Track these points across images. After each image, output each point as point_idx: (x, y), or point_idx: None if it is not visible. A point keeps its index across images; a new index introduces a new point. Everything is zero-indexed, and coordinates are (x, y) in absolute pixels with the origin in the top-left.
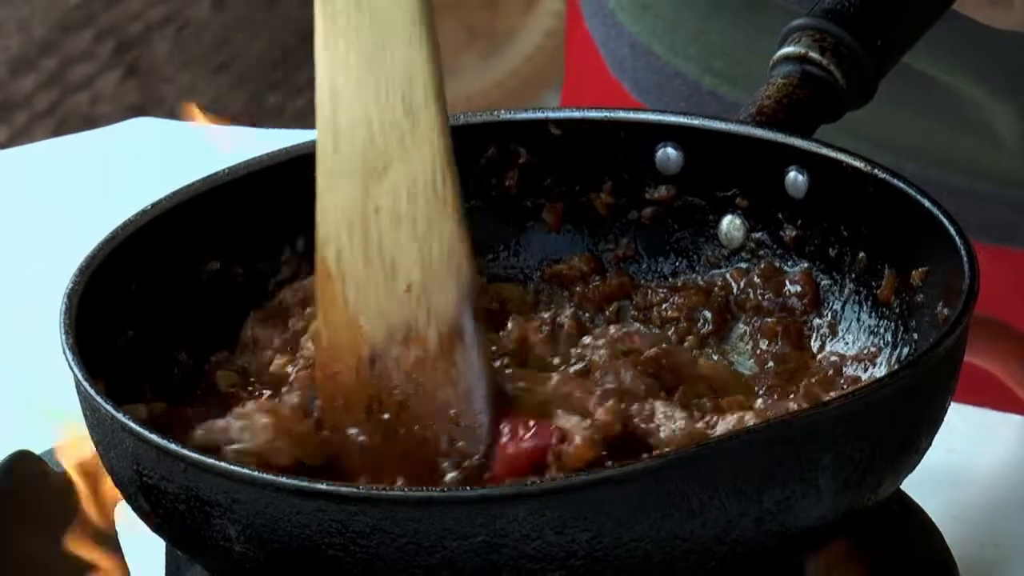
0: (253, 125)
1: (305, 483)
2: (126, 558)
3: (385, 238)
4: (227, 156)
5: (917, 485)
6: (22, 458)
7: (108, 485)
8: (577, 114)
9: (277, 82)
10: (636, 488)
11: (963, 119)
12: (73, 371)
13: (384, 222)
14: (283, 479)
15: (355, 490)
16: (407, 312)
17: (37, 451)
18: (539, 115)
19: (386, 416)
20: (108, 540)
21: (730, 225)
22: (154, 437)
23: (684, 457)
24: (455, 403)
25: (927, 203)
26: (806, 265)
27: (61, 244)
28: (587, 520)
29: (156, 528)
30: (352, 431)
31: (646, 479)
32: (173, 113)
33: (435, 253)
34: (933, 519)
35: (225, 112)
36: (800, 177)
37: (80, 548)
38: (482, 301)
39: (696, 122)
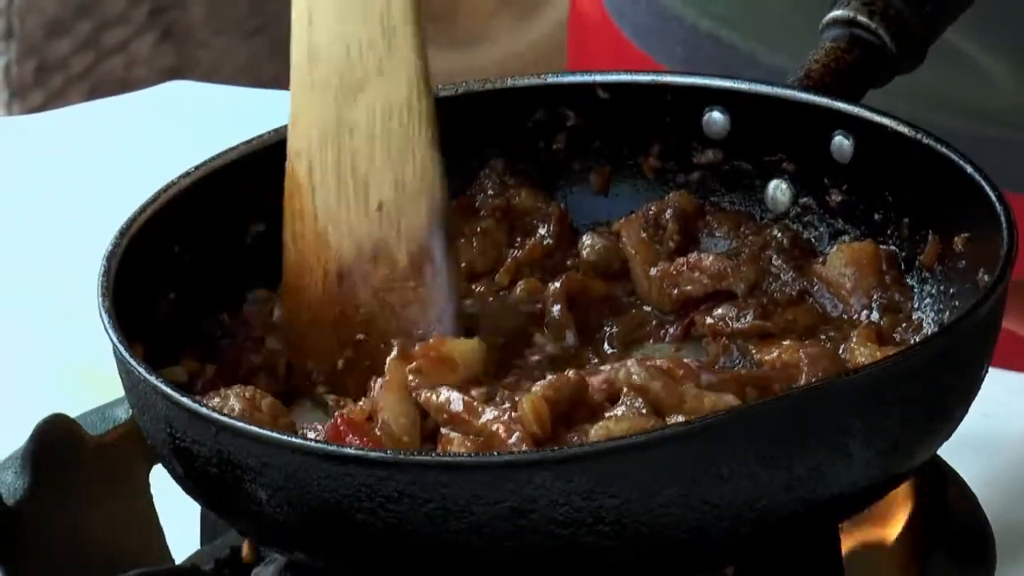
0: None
1: (334, 447)
2: (161, 522)
3: (359, 156)
4: (262, 119)
5: (953, 450)
6: (57, 422)
7: (144, 449)
8: (625, 77)
9: None
10: (663, 455)
11: (958, 68)
12: (109, 334)
13: (359, 140)
14: (312, 443)
15: (383, 455)
16: (377, 231)
17: (73, 414)
18: (587, 78)
19: (356, 335)
20: (143, 504)
21: (776, 189)
22: (186, 401)
23: (712, 424)
24: (421, 322)
25: (969, 168)
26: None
27: (96, 207)
28: (614, 486)
29: (189, 491)
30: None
31: (673, 446)
32: (208, 78)
33: (408, 174)
34: (969, 484)
35: (259, 77)
36: (846, 141)
37: (115, 511)
38: (453, 224)
39: (743, 86)
